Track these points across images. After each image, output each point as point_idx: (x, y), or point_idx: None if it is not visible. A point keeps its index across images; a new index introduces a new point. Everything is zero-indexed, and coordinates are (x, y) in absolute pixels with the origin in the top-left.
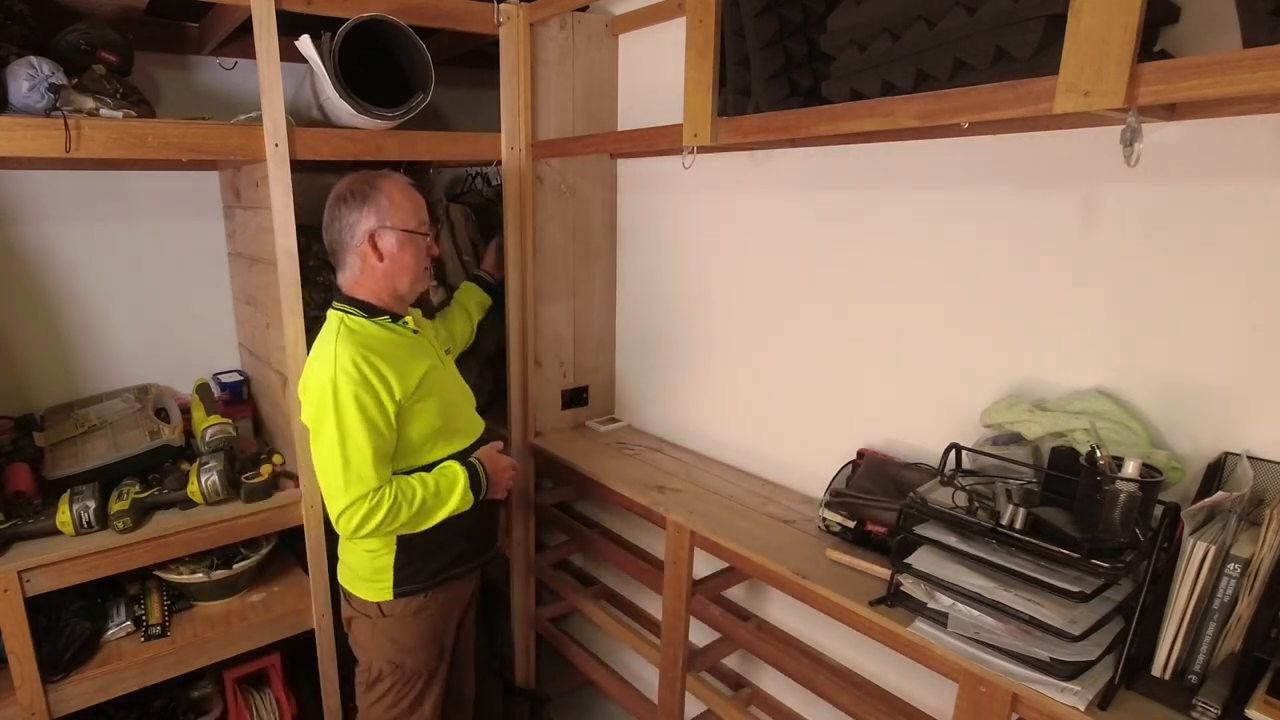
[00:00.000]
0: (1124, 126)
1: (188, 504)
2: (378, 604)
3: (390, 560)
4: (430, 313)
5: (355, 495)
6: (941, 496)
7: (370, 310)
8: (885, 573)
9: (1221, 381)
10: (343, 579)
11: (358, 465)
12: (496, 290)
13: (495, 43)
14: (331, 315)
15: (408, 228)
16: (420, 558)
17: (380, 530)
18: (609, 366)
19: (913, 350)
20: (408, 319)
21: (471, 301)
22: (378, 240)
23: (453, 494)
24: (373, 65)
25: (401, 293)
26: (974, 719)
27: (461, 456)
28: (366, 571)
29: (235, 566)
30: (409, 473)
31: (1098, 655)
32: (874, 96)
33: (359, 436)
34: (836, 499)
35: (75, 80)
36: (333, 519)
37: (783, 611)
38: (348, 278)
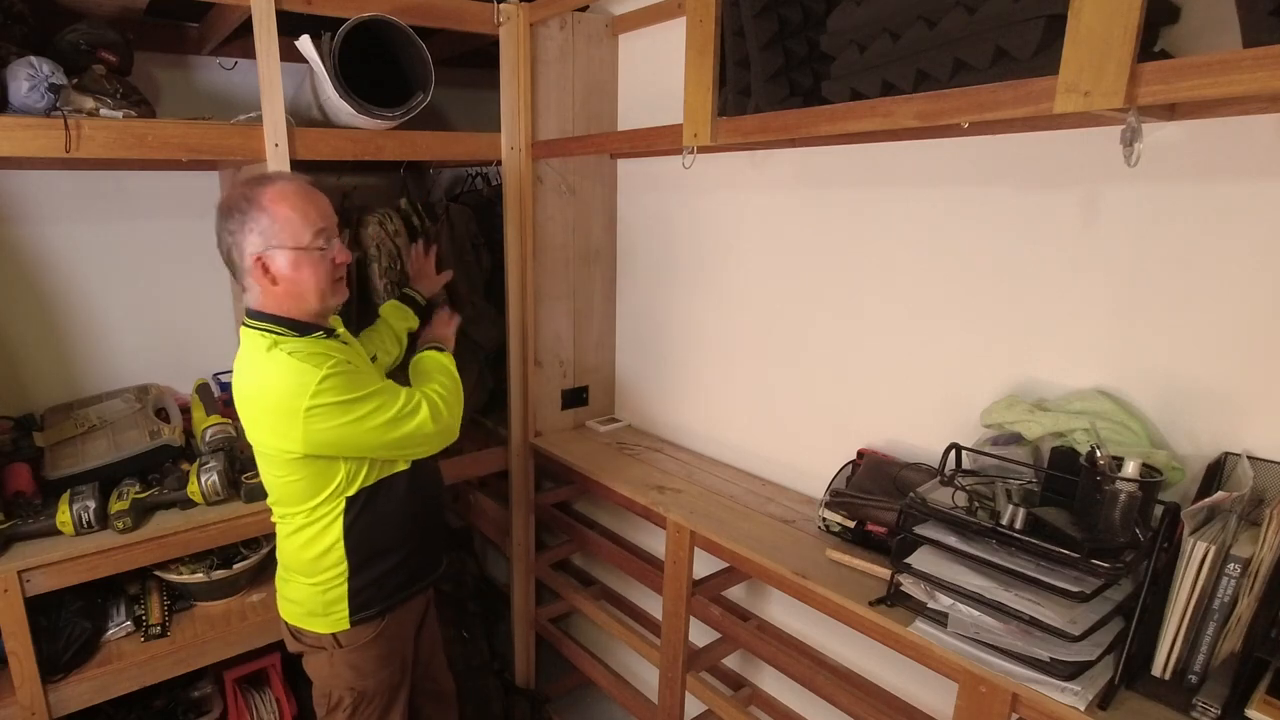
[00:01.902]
0: (1124, 126)
1: (188, 504)
2: (333, 635)
3: (344, 590)
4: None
5: (415, 400)
6: (941, 496)
7: (300, 328)
8: (885, 573)
9: (1221, 381)
10: (286, 614)
11: (396, 392)
12: (426, 313)
13: (495, 43)
14: (259, 338)
15: (300, 245)
16: (378, 579)
17: (456, 404)
18: (609, 366)
19: (913, 350)
20: (339, 331)
21: (401, 326)
22: (267, 263)
23: (439, 360)
24: (373, 65)
25: (315, 310)
26: (974, 719)
27: (405, 473)
28: (317, 606)
29: (235, 566)
30: (359, 492)
31: (1098, 655)
32: (874, 96)
33: (377, 380)
34: (836, 499)
35: (75, 80)
36: (431, 437)
37: (783, 611)
38: (254, 298)
